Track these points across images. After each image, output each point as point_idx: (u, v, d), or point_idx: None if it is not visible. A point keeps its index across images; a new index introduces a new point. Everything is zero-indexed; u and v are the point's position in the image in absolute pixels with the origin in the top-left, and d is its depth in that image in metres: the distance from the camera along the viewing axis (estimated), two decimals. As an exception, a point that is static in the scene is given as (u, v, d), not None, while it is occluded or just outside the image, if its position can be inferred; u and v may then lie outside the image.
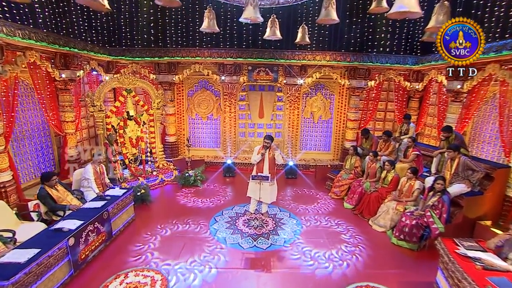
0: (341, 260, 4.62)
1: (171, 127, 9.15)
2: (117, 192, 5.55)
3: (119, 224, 5.33)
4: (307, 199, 6.97)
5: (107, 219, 4.91)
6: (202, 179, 7.84)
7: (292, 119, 9.09)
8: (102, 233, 4.76)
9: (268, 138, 5.36)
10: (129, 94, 7.47)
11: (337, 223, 5.94)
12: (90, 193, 5.48)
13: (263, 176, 5.18)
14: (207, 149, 9.55)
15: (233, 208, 6.37)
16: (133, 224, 5.66)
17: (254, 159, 5.40)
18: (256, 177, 5.21)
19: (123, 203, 5.47)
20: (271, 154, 5.44)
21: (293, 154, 9.35)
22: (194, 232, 5.40)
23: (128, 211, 5.65)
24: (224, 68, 8.45)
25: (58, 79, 6.55)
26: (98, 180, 5.71)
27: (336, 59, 8.23)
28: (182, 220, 5.81)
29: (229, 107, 9.02)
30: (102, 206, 4.92)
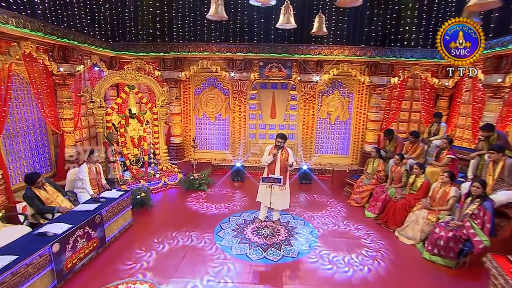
0: (361, 265, 4.26)
1: (176, 127, 8.89)
2: (113, 194, 5.23)
3: (114, 229, 4.98)
4: (323, 207, 6.53)
5: (100, 223, 4.55)
6: (208, 183, 7.51)
7: (307, 119, 8.70)
8: (94, 239, 4.39)
9: (280, 136, 5.00)
10: (132, 90, 7.20)
11: (357, 227, 5.41)
12: (84, 195, 5.20)
13: (275, 178, 4.74)
14: (215, 151, 9.24)
15: (241, 214, 5.99)
16: (130, 230, 5.33)
17: (265, 160, 5.04)
18: (267, 179, 4.77)
19: (120, 207, 5.13)
20: (283, 155, 5.06)
21: (307, 158, 8.89)
22: (196, 239, 5.00)
23: (125, 215, 5.31)
24: (234, 64, 8.16)
25: (56, 73, 6.35)
26: (94, 181, 5.42)
27: (356, 53, 7.77)
28: (184, 226, 5.44)
29: (238, 107, 8.71)
30: (95, 209, 4.59)
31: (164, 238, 4.98)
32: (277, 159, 5.06)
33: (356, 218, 5.98)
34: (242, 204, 6.51)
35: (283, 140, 5.00)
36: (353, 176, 7.37)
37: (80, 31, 7.03)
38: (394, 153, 6.83)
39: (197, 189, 7.20)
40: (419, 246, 4.87)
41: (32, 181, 4.28)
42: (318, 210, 6.31)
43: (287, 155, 5.11)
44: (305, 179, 7.94)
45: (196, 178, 7.32)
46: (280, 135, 5.02)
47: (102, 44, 7.52)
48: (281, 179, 4.73)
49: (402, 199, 5.64)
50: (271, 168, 5.10)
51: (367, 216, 6.09)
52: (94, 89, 6.52)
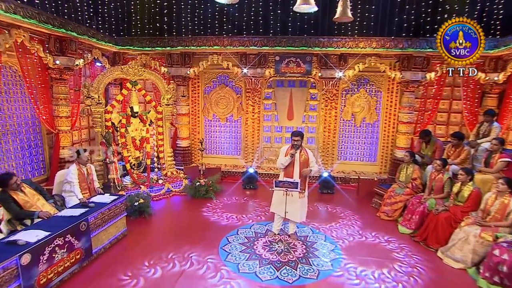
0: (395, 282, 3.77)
1: (183, 129, 8.57)
2: (105, 199, 4.83)
3: (104, 239, 4.55)
4: (348, 220, 5.91)
5: (86, 232, 4.12)
6: (216, 190, 7.05)
7: (329, 121, 8.20)
8: (77, 250, 3.95)
9: (296, 134, 4.56)
10: (134, 87, 6.92)
11: (388, 240, 4.71)
12: (72, 199, 4.86)
13: (291, 182, 4.17)
14: (225, 156, 8.86)
15: (252, 226, 5.48)
16: (124, 240, 4.91)
17: (281, 162, 4.57)
18: (282, 184, 4.20)
19: (111, 214, 4.72)
20: (302, 157, 4.58)
21: (329, 165, 8.32)
22: (197, 253, 4.47)
23: (118, 224, 4.89)
24: (247, 59, 7.80)
25: (52, 67, 6.13)
26: (84, 184, 5.07)
27: (385, 45, 7.20)
28: (184, 241, 4.93)
29: (252, 107, 8.32)
30: (80, 214, 4.18)
31: (157, 260, 4.39)
32: (295, 161, 4.58)
33: (387, 233, 5.29)
34: (254, 214, 6.02)
35: (299, 138, 4.55)
36: (383, 185, 6.72)
37: (81, 23, 6.81)
38: (433, 158, 6.11)
39: (203, 197, 6.77)
40: (471, 271, 4.11)
41: (3, 183, 3.89)
42: (342, 224, 5.71)
43: (306, 156, 4.63)
44: (326, 189, 7.40)
45: (202, 184, 6.89)
46: (295, 133, 4.59)
47: (104, 37, 7.32)
48: (298, 184, 4.15)
49: (445, 212, 4.90)
50: (288, 172, 4.63)
51: (401, 232, 5.42)
52: (93, 84, 6.24)
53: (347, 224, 5.67)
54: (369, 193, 6.90)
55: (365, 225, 5.64)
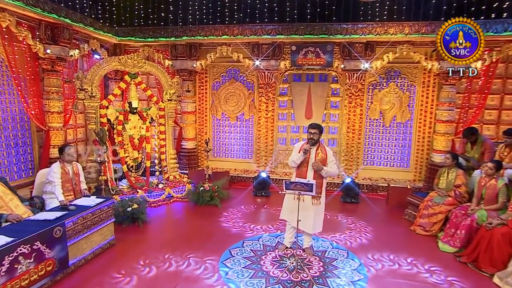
0: None
1: (189, 129, 8.27)
2: (89, 201, 4.46)
3: (85, 249, 4.17)
4: (376, 234, 5.28)
5: (61, 239, 3.73)
6: (223, 196, 6.63)
7: (353, 120, 7.69)
8: (48, 260, 3.55)
9: (313, 126, 4.13)
10: (133, 79, 6.65)
11: (429, 269, 4.06)
12: (53, 202, 4.51)
13: (304, 183, 3.64)
14: (236, 160, 8.50)
15: (260, 238, 4.99)
16: (110, 250, 4.53)
17: (293, 160, 4.15)
18: (294, 185, 3.68)
19: (96, 218, 4.33)
20: (319, 155, 4.11)
21: (353, 170, 7.78)
22: (192, 271, 3.99)
23: (104, 231, 4.51)
24: (259, 50, 7.45)
25: (43, 56, 5.93)
26: (69, 184, 4.72)
27: (420, 31, 6.61)
28: (181, 249, 4.50)
29: (265, 104, 7.95)
30: (56, 219, 3.79)
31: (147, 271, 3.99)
32: (310, 160, 4.11)
33: (426, 253, 4.64)
34: (264, 224, 5.54)
35: (317, 131, 4.11)
36: (418, 194, 6.09)
37: (77, 10, 6.61)
38: (480, 162, 5.38)
39: (207, 204, 6.36)
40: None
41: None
42: (368, 239, 5.12)
43: (324, 155, 4.14)
44: (349, 197, 6.86)
45: (207, 190, 6.47)
46: (313, 125, 4.17)
47: (103, 27, 7.14)
48: (312, 186, 3.59)
49: (501, 227, 4.17)
50: (301, 172, 4.17)
51: (442, 250, 4.75)
52: (86, 76, 6.00)
53: (375, 240, 5.06)
54: (401, 203, 6.29)
55: (397, 242, 5.00)
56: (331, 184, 7.53)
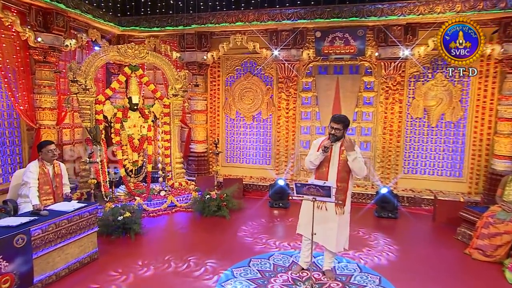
0: None
1: (199, 130, 8.00)
2: (67, 206, 4.14)
3: (58, 263, 3.82)
4: (419, 258, 4.63)
5: (24, 250, 3.39)
6: (233, 206, 6.23)
7: (390, 120, 7.17)
8: (4, 275, 3.20)
9: (337, 120, 3.67)
10: (134, 72, 6.44)
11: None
12: (28, 206, 4.25)
13: (320, 186, 3.09)
14: (251, 166, 8.16)
15: (272, 256, 4.49)
16: (90, 266, 4.18)
17: (310, 160, 3.73)
18: (306, 188, 3.21)
19: (74, 227, 4.01)
20: (344, 153, 3.65)
21: (390, 178, 7.22)
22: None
23: (83, 242, 4.18)
24: (278, 38, 7.14)
25: (34, 45, 5.79)
26: (48, 187, 4.46)
27: (476, 7, 5.99)
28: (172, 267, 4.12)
29: (285, 102, 7.59)
30: (19, 225, 3.45)
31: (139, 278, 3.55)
32: (332, 159, 3.66)
33: (487, 285, 3.93)
34: (278, 240, 5.08)
35: (341, 126, 3.63)
36: (474, 209, 5.37)
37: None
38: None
39: (214, 215, 5.99)
40: None
41: None
42: (408, 262, 4.47)
43: (353, 143, 3.67)
44: (386, 211, 6.29)
45: (213, 198, 6.09)
46: (336, 118, 3.70)
47: (103, 15, 7.02)
48: (330, 189, 3.04)
49: None
50: (321, 174, 3.72)
51: (511, 283, 3.96)
52: (81, 67, 5.83)
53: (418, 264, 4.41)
54: (452, 220, 5.66)
55: (448, 268, 4.31)
56: (363, 195, 7.01)
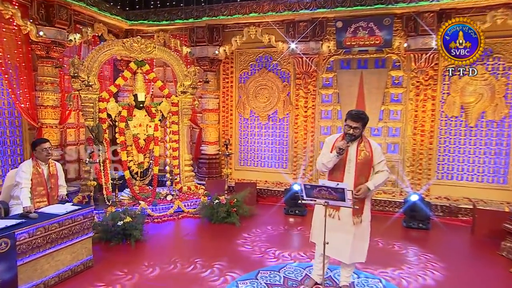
0: None
1: (210, 130, 7.94)
2: (59, 209, 4.05)
3: (47, 270, 3.71)
4: (454, 275, 4.30)
5: (7, 255, 3.28)
6: (244, 213, 6.09)
7: (422, 119, 6.85)
8: (-16, 282, 3.06)
9: (355, 117, 3.39)
10: (141, 68, 6.43)
11: None
12: (20, 208, 4.13)
13: (332, 188, 2.83)
14: (266, 169, 8.03)
15: (283, 268, 4.27)
16: (83, 275, 4.07)
17: (322, 163, 3.47)
18: (317, 190, 2.98)
19: (66, 231, 3.91)
20: (362, 154, 3.39)
21: (421, 184, 6.89)
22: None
23: (76, 248, 4.07)
24: (296, 30, 7.00)
25: (36, 40, 5.82)
26: (42, 188, 4.39)
27: None
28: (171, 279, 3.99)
29: (304, 99, 7.42)
30: (2, 228, 3.38)
31: None
32: (348, 162, 3.40)
33: None
34: (292, 250, 4.90)
35: (360, 125, 3.37)
36: None
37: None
38: None
39: (222, 222, 5.85)
40: None
41: None
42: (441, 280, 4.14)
43: (368, 153, 3.41)
44: (415, 221, 5.97)
45: (223, 203, 5.94)
46: (354, 115, 3.41)
47: (110, 8, 7.06)
48: (345, 192, 2.76)
49: None
50: (336, 177, 3.44)
51: None
52: (84, 61, 5.82)
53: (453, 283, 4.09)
54: (495, 233, 5.29)
55: None
56: (390, 203, 6.71)
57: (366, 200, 3.35)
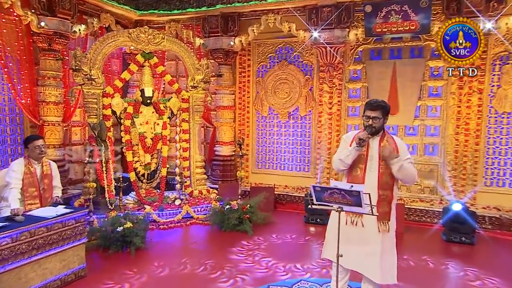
0: None
1: (225, 129, 7.84)
2: (50, 212, 3.98)
3: (33, 280, 3.62)
4: None
5: None
6: (258, 220, 5.97)
7: (466, 116, 6.53)
8: (-40, 291, 2.97)
9: (374, 106, 3.20)
10: (148, 61, 6.42)
11: None
12: (9, 210, 4.06)
13: (346, 190, 2.58)
14: (286, 173, 7.85)
15: (297, 283, 4.12)
16: (74, 285, 3.99)
17: (340, 158, 3.28)
18: (328, 193, 2.70)
19: (54, 236, 3.82)
20: (387, 151, 3.12)
21: (464, 191, 6.55)
22: None
23: (67, 256, 3.99)
24: (319, 16, 6.79)
25: (37, 31, 5.85)
26: (34, 189, 4.32)
27: None
28: None
29: (328, 95, 7.21)
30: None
31: None
32: (370, 159, 3.18)
33: None
34: (311, 264, 4.73)
35: (379, 114, 3.15)
36: None
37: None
38: None
39: (234, 230, 5.73)
40: None
41: None
42: None
43: (393, 149, 3.15)
44: (458, 234, 5.69)
45: (234, 209, 5.81)
46: (373, 104, 3.21)
47: None
48: (361, 195, 2.50)
49: None
50: (356, 177, 3.23)
51: None
52: (87, 54, 5.87)
53: None
54: None
55: None
56: (427, 212, 6.44)
57: (392, 206, 3.07)
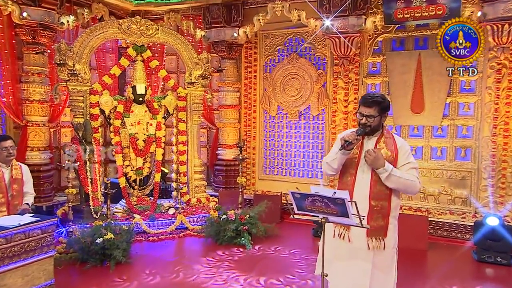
0: None
1: (228, 131, 7.83)
2: (13, 220, 3.89)
3: None
4: None
5: None
6: (258, 233, 5.86)
7: (505, 114, 6.30)
8: None
9: (369, 101, 3.07)
10: (141, 54, 6.42)
11: None
12: None
13: (329, 198, 2.41)
14: (297, 179, 7.82)
15: None
16: None
17: (327, 162, 3.24)
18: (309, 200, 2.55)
19: (15, 249, 3.72)
20: (381, 152, 3.03)
21: (505, 204, 6.24)
22: None
23: (32, 270, 3.87)
24: (331, 2, 6.66)
25: (20, 22, 5.89)
26: (1, 195, 4.24)
27: None
28: None
29: (344, 91, 7.10)
30: None
31: None
32: (361, 163, 3.06)
33: None
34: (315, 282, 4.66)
35: (374, 109, 3.02)
36: None
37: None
38: None
39: (230, 242, 5.67)
40: None
41: None
42: None
43: (391, 152, 3.02)
44: (492, 253, 5.47)
45: (231, 219, 5.71)
46: (368, 99, 3.07)
47: None
48: (344, 203, 2.28)
49: None
50: (345, 184, 3.15)
51: None
52: (72, 47, 5.86)
53: None
54: None
55: None
56: (457, 227, 6.19)
57: (391, 218, 2.85)
